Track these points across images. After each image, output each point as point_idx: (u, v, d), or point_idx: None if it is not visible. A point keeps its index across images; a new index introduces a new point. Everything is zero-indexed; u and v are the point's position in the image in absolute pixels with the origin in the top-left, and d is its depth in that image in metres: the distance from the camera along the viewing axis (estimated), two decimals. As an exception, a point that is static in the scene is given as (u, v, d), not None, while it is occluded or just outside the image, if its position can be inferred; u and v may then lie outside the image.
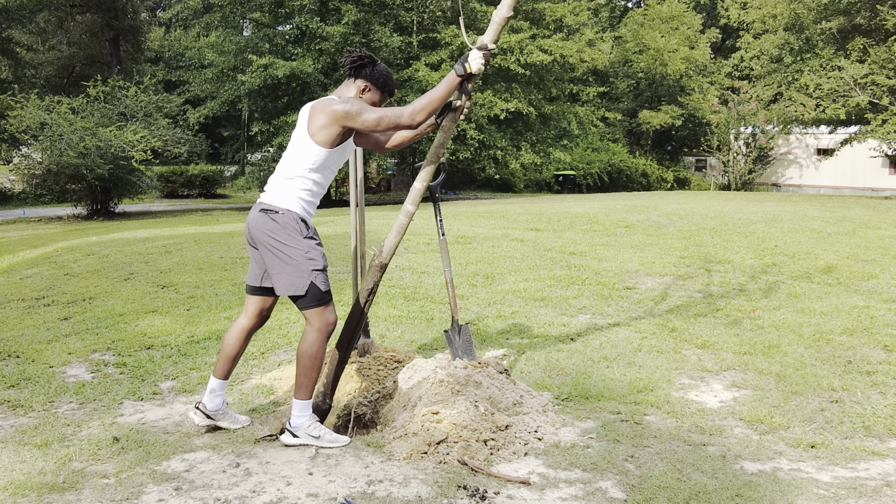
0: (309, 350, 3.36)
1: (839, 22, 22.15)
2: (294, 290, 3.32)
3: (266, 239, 3.33)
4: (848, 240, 9.60)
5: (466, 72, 3.30)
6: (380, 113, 3.28)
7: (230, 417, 3.63)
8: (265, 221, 3.33)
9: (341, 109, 3.27)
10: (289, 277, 3.31)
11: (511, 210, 13.39)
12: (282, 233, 3.30)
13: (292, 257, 3.30)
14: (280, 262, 3.32)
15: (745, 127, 28.20)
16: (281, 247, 3.30)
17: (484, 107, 19.77)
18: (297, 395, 3.41)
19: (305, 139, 3.32)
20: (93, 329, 5.47)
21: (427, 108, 3.28)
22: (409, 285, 6.63)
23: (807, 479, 3.09)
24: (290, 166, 3.37)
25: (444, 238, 4.28)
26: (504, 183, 29.43)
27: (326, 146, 3.31)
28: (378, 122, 3.28)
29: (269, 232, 3.32)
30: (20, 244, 11.12)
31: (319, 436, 3.38)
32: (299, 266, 3.30)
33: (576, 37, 25.63)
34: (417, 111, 3.27)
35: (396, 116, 3.28)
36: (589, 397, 4.00)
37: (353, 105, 3.29)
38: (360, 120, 3.26)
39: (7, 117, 18.78)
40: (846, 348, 4.84)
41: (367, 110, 3.28)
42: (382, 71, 3.45)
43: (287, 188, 3.35)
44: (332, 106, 3.29)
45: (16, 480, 3.02)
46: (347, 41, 19.64)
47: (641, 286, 6.75)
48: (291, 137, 3.44)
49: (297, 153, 3.36)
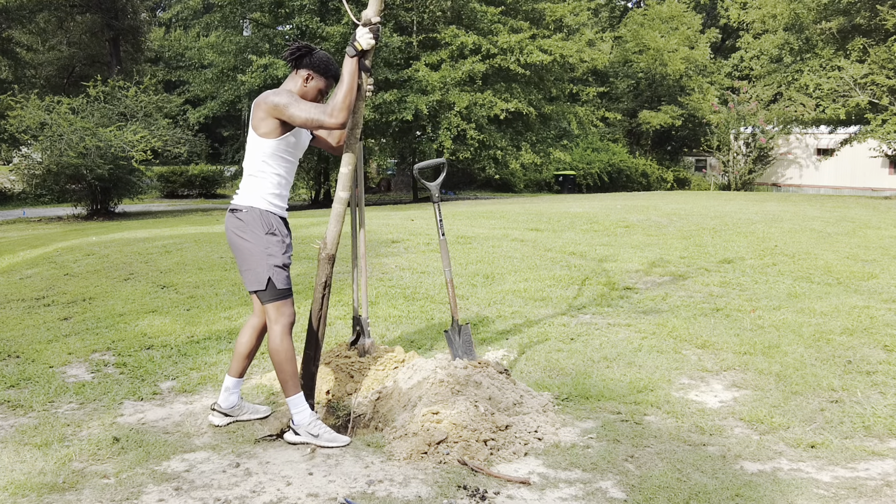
0: (275, 346, 3.43)
1: (839, 22, 22.15)
2: (256, 285, 3.41)
3: (232, 237, 3.45)
4: (848, 240, 9.60)
5: (357, 50, 3.34)
6: (307, 114, 3.29)
7: (250, 409, 3.72)
8: (232, 221, 3.46)
9: (272, 101, 3.33)
10: (251, 273, 3.41)
11: (511, 210, 13.40)
12: (245, 229, 3.40)
13: (252, 253, 3.39)
14: (243, 258, 3.43)
15: (745, 127, 28.20)
16: (243, 243, 3.41)
17: (484, 107, 19.77)
18: (286, 394, 3.47)
19: (252, 133, 3.42)
20: (93, 329, 5.47)
21: (342, 103, 3.28)
22: (409, 285, 6.63)
23: (807, 479, 3.09)
24: (248, 163, 3.47)
25: (444, 238, 4.28)
26: (504, 183, 29.44)
27: (270, 137, 3.37)
28: (305, 122, 3.31)
29: (235, 230, 3.44)
30: (20, 244, 11.12)
31: (319, 434, 3.40)
32: (259, 261, 3.38)
33: (576, 37, 25.61)
34: (337, 110, 3.28)
35: (319, 116, 3.29)
36: (589, 397, 4.00)
37: (284, 98, 3.32)
38: (288, 114, 3.31)
39: (7, 117, 18.78)
40: (846, 348, 4.84)
41: (296, 107, 3.30)
42: (322, 56, 3.47)
43: (249, 186, 3.45)
44: (267, 98, 3.35)
45: (16, 480, 3.02)
46: (347, 41, 19.62)
47: (641, 286, 6.75)
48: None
49: (249, 149, 3.46)
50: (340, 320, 5.43)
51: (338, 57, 20.32)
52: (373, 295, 6.24)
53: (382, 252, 8.21)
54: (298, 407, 3.44)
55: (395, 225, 10.57)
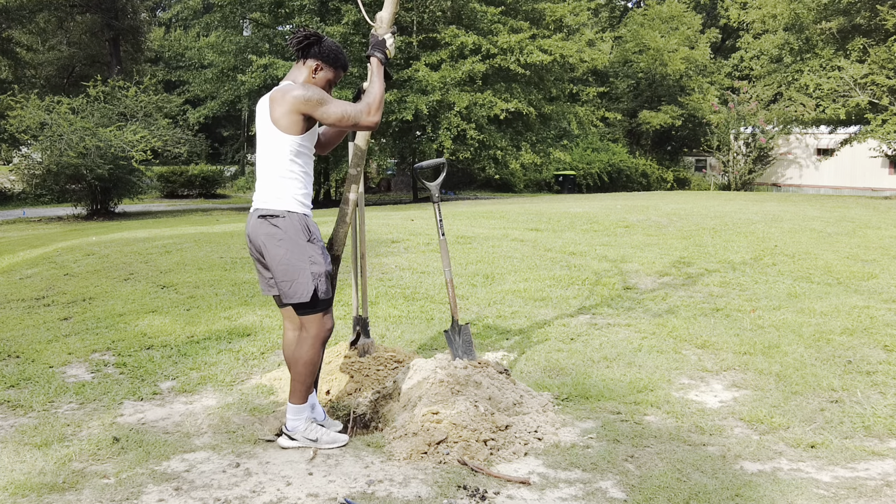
0: (305, 356, 3.28)
1: (839, 22, 22.15)
2: (301, 297, 3.20)
3: (268, 246, 3.21)
4: (848, 240, 9.60)
5: (388, 57, 3.34)
6: (343, 109, 3.16)
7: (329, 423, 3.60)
8: (265, 228, 3.20)
9: (301, 95, 3.12)
10: (296, 285, 3.19)
11: (511, 210, 13.39)
12: (283, 237, 3.18)
13: (294, 263, 3.18)
14: (284, 270, 3.19)
15: (745, 127, 28.20)
16: (282, 253, 3.18)
17: (484, 107, 19.77)
18: (292, 400, 3.36)
19: (272, 129, 3.18)
20: (93, 329, 5.47)
21: (378, 103, 3.22)
22: (409, 285, 6.63)
23: (807, 479, 3.09)
24: (270, 163, 3.21)
25: (444, 238, 4.28)
26: (504, 183, 29.44)
27: (295, 133, 3.16)
28: (341, 118, 3.16)
29: (270, 238, 3.19)
30: (20, 244, 11.12)
31: (317, 438, 3.35)
32: (303, 271, 3.18)
33: (576, 37, 25.62)
34: (374, 110, 3.21)
35: (356, 115, 3.17)
36: (589, 397, 4.00)
37: (314, 92, 3.14)
38: (321, 111, 3.13)
39: (7, 117, 18.79)
40: (846, 348, 4.83)
41: (329, 102, 3.14)
42: (331, 46, 3.28)
43: (278, 187, 3.20)
44: (291, 92, 3.13)
45: (16, 480, 3.02)
46: (347, 41, 19.64)
47: (641, 286, 6.75)
48: (257, 133, 3.28)
49: (269, 147, 3.20)
50: (340, 320, 5.43)
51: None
52: (373, 295, 6.24)
53: (382, 252, 8.21)
54: (300, 415, 3.35)
55: (395, 225, 10.57)
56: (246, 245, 3.45)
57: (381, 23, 3.43)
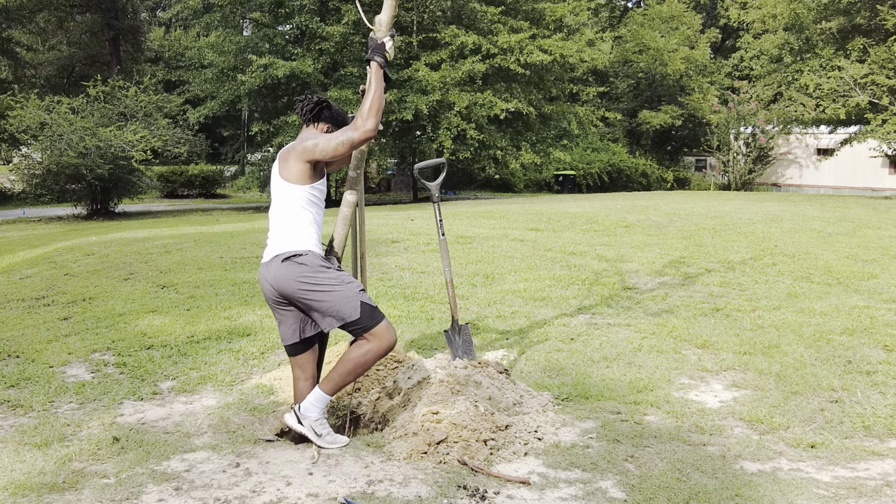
0: (361, 359, 3.32)
1: (839, 22, 22.16)
2: (349, 317, 3.27)
3: (299, 284, 3.27)
4: (848, 240, 9.60)
5: (387, 60, 3.41)
6: (336, 140, 3.31)
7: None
8: (291, 268, 3.28)
9: (300, 148, 3.35)
10: (336, 307, 3.26)
11: (511, 210, 13.39)
12: (312, 272, 3.28)
13: (333, 288, 3.28)
14: (323, 298, 3.27)
15: (745, 127, 28.19)
16: (318, 284, 3.27)
17: (484, 107, 19.77)
18: (323, 387, 3.38)
19: (283, 184, 3.39)
20: (93, 329, 5.47)
21: (372, 110, 3.28)
22: (409, 285, 6.63)
23: (807, 479, 3.09)
24: (285, 213, 3.38)
25: (444, 238, 4.28)
26: (504, 183, 29.42)
27: (304, 182, 3.36)
28: (336, 148, 3.31)
29: (300, 276, 3.27)
30: (20, 244, 11.12)
31: (322, 434, 3.36)
32: (344, 292, 3.28)
33: (576, 37, 25.59)
34: (362, 119, 3.27)
35: (348, 137, 3.30)
36: (589, 397, 4.00)
37: (309, 141, 3.36)
38: (319, 150, 3.32)
39: (7, 117, 18.79)
40: (846, 348, 4.83)
41: (322, 140, 3.35)
42: (339, 111, 3.55)
43: (297, 231, 3.35)
44: (296, 148, 3.38)
45: (16, 480, 3.02)
46: (347, 41, 19.63)
47: (641, 286, 6.75)
48: (272, 191, 3.49)
49: (283, 200, 3.39)
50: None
51: (338, 56, 20.27)
52: (373, 295, 6.24)
53: (382, 252, 8.21)
54: (319, 404, 3.37)
55: (395, 225, 10.57)
56: (244, 246, 3.48)
57: (380, 26, 3.45)
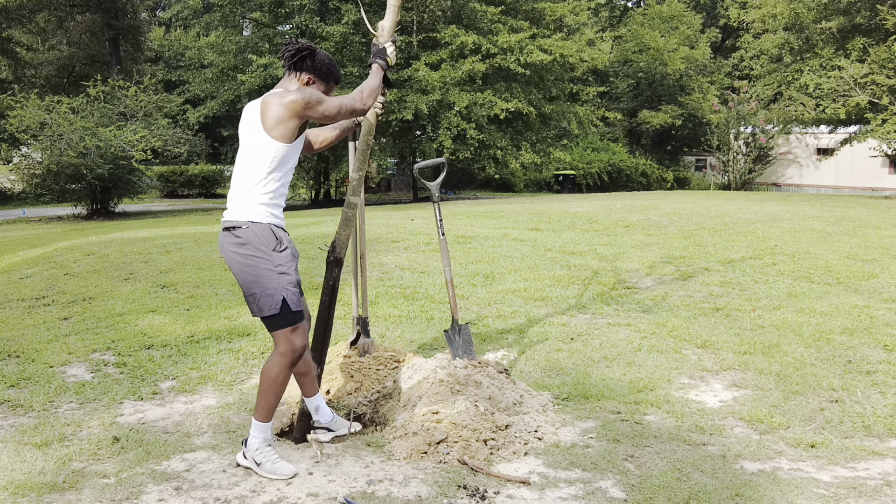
0: (270, 373, 3.12)
1: (839, 22, 22.15)
2: (271, 310, 3.05)
3: (232, 258, 3.07)
4: (848, 239, 9.59)
5: (389, 65, 3.44)
6: (338, 101, 3.17)
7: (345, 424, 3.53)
8: (229, 240, 3.08)
9: (301, 99, 3.05)
10: (263, 297, 3.05)
11: (511, 210, 13.39)
12: (247, 248, 3.04)
13: (261, 274, 3.04)
14: (250, 281, 3.06)
15: (745, 126, 28.17)
16: (248, 263, 3.04)
17: (484, 106, 19.77)
18: (255, 416, 3.18)
19: (261, 136, 3.06)
20: (93, 329, 5.47)
21: (373, 93, 3.30)
22: (409, 285, 6.63)
23: (807, 479, 3.09)
24: (248, 170, 3.10)
25: (444, 238, 4.28)
26: (504, 183, 29.41)
27: (287, 141, 3.07)
28: (339, 110, 3.13)
29: (237, 250, 3.05)
30: (20, 244, 11.12)
31: (261, 463, 3.10)
32: (270, 282, 3.03)
33: (576, 36, 25.60)
34: (367, 96, 3.26)
35: (352, 103, 3.20)
36: (589, 397, 4.00)
37: (312, 94, 3.09)
38: (321, 109, 3.08)
39: (7, 117, 18.79)
40: (846, 348, 4.83)
41: (326, 100, 3.13)
42: (325, 59, 3.25)
43: (246, 198, 3.08)
44: (289, 97, 3.05)
45: (16, 480, 3.02)
46: (347, 41, 19.63)
47: (641, 286, 6.75)
48: (241, 139, 3.18)
49: (252, 154, 3.09)
50: (340, 320, 5.43)
51: (338, 56, 20.26)
52: (373, 295, 6.24)
53: (382, 252, 8.20)
54: (260, 433, 3.15)
55: (395, 225, 10.57)
56: None
57: (382, 31, 3.47)
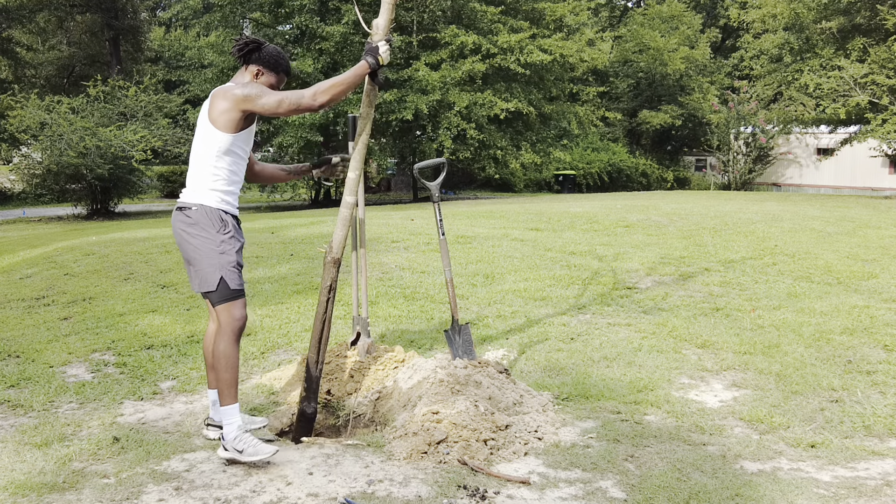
0: (222, 350, 3.22)
1: (839, 22, 22.15)
2: (206, 287, 3.23)
3: (181, 236, 3.27)
4: (848, 239, 9.59)
5: (380, 63, 3.32)
6: (279, 95, 3.21)
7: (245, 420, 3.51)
8: (180, 218, 3.28)
9: (241, 93, 3.21)
10: (201, 273, 3.23)
11: (511, 210, 13.39)
12: (194, 228, 3.23)
13: (203, 252, 3.22)
14: (193, 258, 3.25)
15: (745, 126, 28.18)
16: (194, 242, 3.23)
17: (484, 106, 19.77)
18: (221, 402, 3.24)
19: (208, 126, 3.26)
20: (93, 329, 5.47)
21: (331, 90, 3.21)
22: (409, 285, 6.63)
23: (807, 479, 3.09)
24: (198, 158, 3.29)
25: (444, 238, 4.28)
26: (504, 182, 29.41)
27: (229, 131, 3.23)
28: (279, 104, 3.18)
29: (184, 229, 3.25)
30: (20, 244, 11.12)
31: (242, 450, 3.14)
32: (210, 260, 3.21)
33: (576, 36, 25.60)
34: (320, 92, 3.20)
35: (297, 98, 3.19)
36: (589, 397, 4.00)
37: (253, 88, 3.22)
38: (260, 103, 3.19)
39: (7, 117, 18.79)
40: (846, 348, 4.83)
41: (267, 93, 3.21)
42: (271, 51, 3.36)
43: (198, 182, 3.28)
44: (233, 91, 3.23)
45: (16, 480, 3.02)
46: (347, 41, 19.63)
47: (641, 286, 6.75)
48: (196, 129, 3.36)
49: (201, 142, 3.28)
50: (340, 320, 5.43)
51: (338, 56, 20.22)
52: (373, 294, 6.24)
53: (382, 251, 8.20)
54: (231, 418, 3.21)
55: (395, 225, 10.57)
56: (245, 246, 3.46)
57: (377, 30, 3.43)
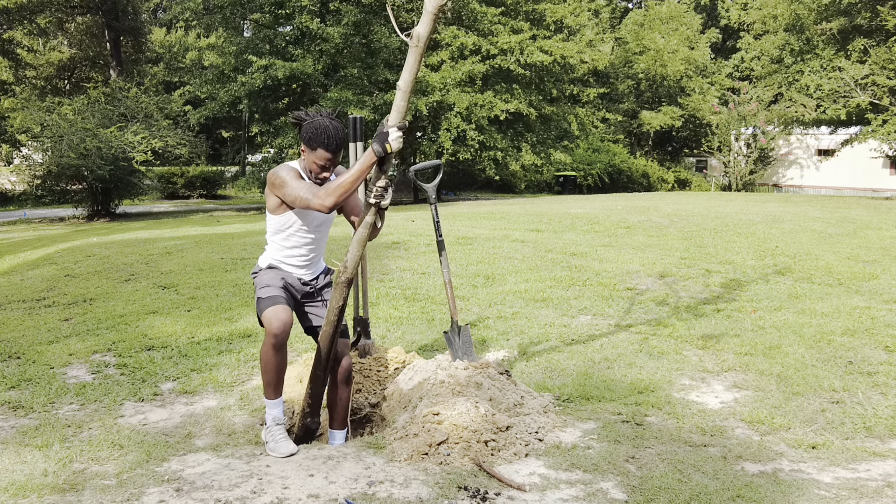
0: (260, 353, 3.46)
1: (840, 23, 22.17)
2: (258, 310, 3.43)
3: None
4: (849, 240, 9.59)
5: (387, 152, 3.08)
6: (295, 193, 3.20)
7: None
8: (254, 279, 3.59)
9: (270, 179, 3.31)
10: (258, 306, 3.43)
11: (512, 211, 13.39)
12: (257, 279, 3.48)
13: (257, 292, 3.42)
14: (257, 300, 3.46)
15: (746, 128, 28.19)
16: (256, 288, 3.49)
17: (484, 108, 19.77)
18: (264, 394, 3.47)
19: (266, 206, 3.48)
20: (93, 330, 5.47)
21: (336, 191, 3.12)
22: (410, 286, 6.63)
23: (808, 480, 3.09)
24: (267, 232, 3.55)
25: (442, 239, 4.28)
26: (505, 184, 29.40)
27: (272, 212, 3.38)
28: (294, 200, 3.22)
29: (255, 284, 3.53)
30: (21, 245, 11.12)
31: (266, 442, 3.36)
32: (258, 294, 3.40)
33: (576, 38, 25.61)
34: (324, 194, 3.13)
35: (308, 199, 3.16)
36: (590, 398, 4.00)
37: (279, 177, 3.26)
38: (282, 194, 3.26)
39: (8, 118, 18.80)
40: (847, 349, 4.83)
41: (289, 186, 3.21)
42: (306, 128, 3.25)
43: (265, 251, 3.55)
44: (276, 172, 3.31)
45: (17, 481, 3.02)
46: (348, 42, 19.64)
47: (642, 287, 6.75)
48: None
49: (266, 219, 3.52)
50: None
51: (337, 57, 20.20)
52: (373, 296, 6.24)
53: (383, 253, 8.21)
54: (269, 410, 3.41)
55: (396, 226, 10.57)
56: (244, 248, 3.51)
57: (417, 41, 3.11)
